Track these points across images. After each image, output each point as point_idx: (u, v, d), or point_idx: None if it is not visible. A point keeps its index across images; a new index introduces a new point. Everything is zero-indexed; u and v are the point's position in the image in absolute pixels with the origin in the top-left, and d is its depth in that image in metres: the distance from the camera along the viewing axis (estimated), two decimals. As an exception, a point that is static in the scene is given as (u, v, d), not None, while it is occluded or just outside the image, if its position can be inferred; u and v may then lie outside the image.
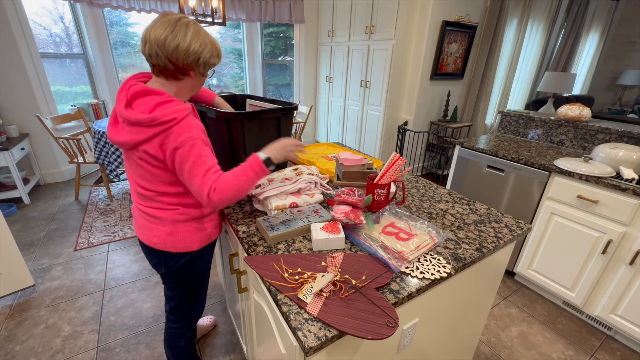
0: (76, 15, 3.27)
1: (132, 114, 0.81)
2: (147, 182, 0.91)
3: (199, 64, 0.87)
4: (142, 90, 0.84)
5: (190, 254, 1.01)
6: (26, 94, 2.98)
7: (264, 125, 1.20)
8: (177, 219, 0.96)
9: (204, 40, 0.85)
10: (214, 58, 0.90)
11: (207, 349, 1.56)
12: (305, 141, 5.04)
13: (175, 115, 0.81)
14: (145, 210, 0.96)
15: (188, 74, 0.88)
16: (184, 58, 0.83)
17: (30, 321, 1.67)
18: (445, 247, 0.91)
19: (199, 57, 0.85)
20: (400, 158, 1.03)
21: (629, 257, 1.50)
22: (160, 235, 0.96)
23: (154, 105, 0.82)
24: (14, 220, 2.62)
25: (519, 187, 1.91)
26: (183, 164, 0.83)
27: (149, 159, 0.86)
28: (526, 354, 1.57)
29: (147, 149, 0.83)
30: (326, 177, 1.16)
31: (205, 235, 1.02)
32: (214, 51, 0.89)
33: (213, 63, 0.91)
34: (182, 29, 0.82)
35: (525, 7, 3.55)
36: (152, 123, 0.80)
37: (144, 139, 0.82)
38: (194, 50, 0.83)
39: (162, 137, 0.82)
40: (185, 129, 0.82)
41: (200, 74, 0.91)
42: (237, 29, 4.31)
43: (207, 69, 0.91)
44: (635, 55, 4.12)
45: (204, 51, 0.85)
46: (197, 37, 0.84)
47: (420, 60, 3.27)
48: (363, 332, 0.61)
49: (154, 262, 1.03)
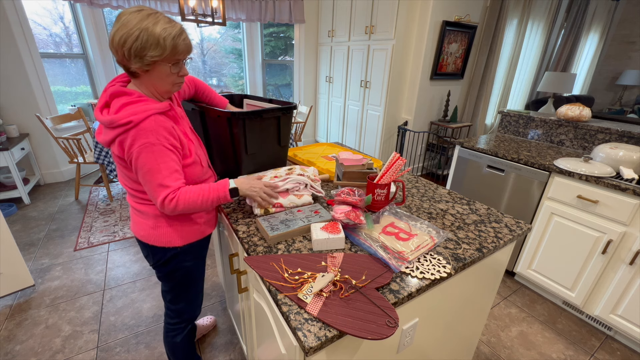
0: (76, 15, 3.27)
1: (100, 116, 0.83)
2: (126, 179, 0.94)
3: (128, 58, 0.78)
4: (116, 91, 0.84)
5: (174, 249, 1.02)
6: (26, 94, 2.98)
7: (265, 124, 1.20)
8: (159, 214, 0.97)
9: (130, 29, 0.75)
10: (150, 49, 0.77)
11: (207, 349, 1.56)
12: (305, 141, 5.04)
13: (131, 118, 0.79)
14: (133, 205, 1.00)
15: (131, 71, 0.82)
16: (116, 53, 0.79)
17: (30, 321, 1.67)
18: (445, 247, 0.91)
19: (124, 50, 0.77)
20: (400, 158, 1.03)
21: (629, 257, 1.50)
22: (146, 229, 0.99)
23: (119, 107, 0.81)
24: (14, 220, 2.62)
25: (519, 187, 1.91)
26: (138, 170, 0.84)
27: (118, 160, 0.88)
28: (526, 354, 1.57)
29: (114, 149, 0.86)
30: (318, 180, 1.15)
31: (187, 232, 1.02)
32: (148, 39, 0.76)
33: (152, 55, 0.78)
34: (116, 22, 0.77)
35: (525, 7, 3.55)
36: (110, 125, 0.81)
37: (110, 140, 0.84)
38: (117, 42, 0.76)
39: (121, 139, 0.82)
40: (141, 134, 0.80)
41: (144, 69, 0.81)
42: (237, 29, 4.32)
43: (147, 63, 0.79)
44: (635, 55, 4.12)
45: (127, 41, 0.75)
46: (123, 26, 0.75)
47: (420, 60, 3.27)
48: (363, 332, 0.61)
49: (144, 253, 1.07)
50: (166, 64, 0.83)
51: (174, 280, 1.09)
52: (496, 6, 3.44)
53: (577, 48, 4.36)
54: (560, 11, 3.97)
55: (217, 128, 1.21)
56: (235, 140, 1.16)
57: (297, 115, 4.20)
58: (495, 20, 3.49)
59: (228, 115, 1.09)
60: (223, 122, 1.14)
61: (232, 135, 1.15)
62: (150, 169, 0.83)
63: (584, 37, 4.35)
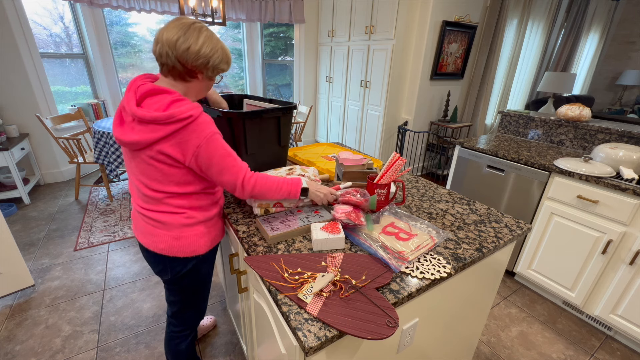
0: (76, 15, 3.27)
1: (147, 112, 0.81)
2: (157, 182, 0.89)
3: (207, 67, 0.88)
4: (152, 89, 0.84)
5: (196, 258, 1.01)
6: (26, 94, 2.98)
7: (265, 124, 1.20)
8: (184, 223, 0.94)
9: (215, 46, 0.87)
10: (223, 64, 0.92)
11: (207, 349, 1.56)
12: (305, 141, 5.04)
13: (191, 112, 0.82)
14: (150, 215, 0.93)
15: (196, 76, 0.89)
16: (194, 60, 0.85)
17: (30, 321, 1.67)
18: (445, 247, 0.91)
19: (209, 61, 0.87)
20: (400, 158, 1.03)
21: (629, 257, 1.50)
22: (167, 240, 0.94)
23: (168, 103, 0.82)
24: (14, 220, 2.62)
25: (519, 187, 1.91)
26: (212, 158, 0.85)
27: (163, 158, 0.84)
28: (526, 354, 1.57)
29: (163, 148, 0.83)
30: (318, 181, 1.15)
31: (210, 238, 1.02)
32: (224, 57, 0.91)
33: (222, 69, 0.93)
34: (195, 32, 0.84)
35: (525, 7, 3.55)
36: (169, 120, 0.80)
37: (160, 137, 0.82)
38: (204, 54, 0.85)
39: (180, 136, 0.82)
40: (204, 126, 0.84)
41: (208, 77, 0.92)
42: (237, 29, 4.32)
43: (215, 74, 0.93)
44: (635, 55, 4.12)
45: (214, 56, 0.87)
46: (209, 41, 0.86)
47: (420, 60, 3.27)
48: (363, 332, 0.61)
49: (159, 268, 1.01)
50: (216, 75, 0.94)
51: (189, 290, 1.08)
52: (496, 6, 3.44)
53: (577, 48, 4.36)
54: (560, 11, 3.97)
55: (217, 128, 1.21)
56: (235, 140, 1.16)
57: (297, 115, 4.20)
58: (495, 20, 3.49)
59: (228, 115, 1.09)
60: (223, 122, 1.14)
61: (232, 135, 1.15)
62: (223, 155, 0.87)
63: (584, 37, 4.35)
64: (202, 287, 1.11)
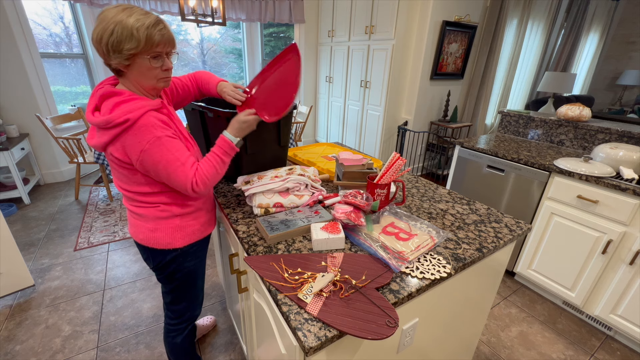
0: (76, 15, 3.27)
1: (93, 118, 0.81)
2: (122, 182, 0.92)
3: (106, 54, 0.78)
4: (106, 92, 0.82)
5: (175, 251, 1.02)
6: (26, 94, 2.98)
7: (264, 124, 1.20)
8: (159, 216, 0.96)
9: (105, 25, 0.75)
10: (126, 42, 0.75)
11: (207, 349, 1.56)
12: (305, 141, 5.04)
13: (128, 116, 0.78)
14: (130, 208, 0.97)
15: (117, 67, 0.82)
16: (99, 50, 0.78)
17: (30, 321, 1.67)
18: (445, 247, 0.91)
19: (102, 46, 0.77)
20: (400, 158, 1.03)
21: (629, 257, 1.50)
22: (144, 232, 0.97)
23: (112, 107, 0.80)
24: (14, 220, 2.62)
25: (519, 187, 1.91)
26: (156, 165, 0.83)
27: (116, 161, 0.86)
28: (526, 354, 1.57)
29: (112, 151, 0.83)
30: (318, 181, 1.15)
31: (189, 232, 1.02)
32: (122, 32, 0.75)
33: (129, 48, 0.76)
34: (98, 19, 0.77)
35: (525, 7, 3.55)
36: (107, 125, 0.79)
37: (107, 142, 0.82)
38: (96, 39, 0.76)
39: (122, 140, 0.81)
40: (143, 131, 0.80)
41: (121, 64, 0.80)
42: (237, 29, 4.31)
43: (126, 57, 0.78)
44: (635, 55, 4.12)
45: (103, 36, 0.75)
46: (99, 23, 0.76)
47: (420, 60, 3.27)
48: (363, 332, 0.61)
49: (144, 256, 1.06)
50: (144, 57, 0.80)
51: (174, 281, 1.09)
52: (496, 6, 3.44)
53: (577, 48, 4.36)
54: (560, 11, 3.97)
55: (217, 128, 1.21)
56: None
57: (297, 115, 4.20)
58: (495, 20, 3.49)
59: (228, 115, 1.09)
60: (223, 122, 1.14)
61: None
62: (167, 162, 0.82)
63: (584, 37, 4.35)
64: (190, 280, 1.12)
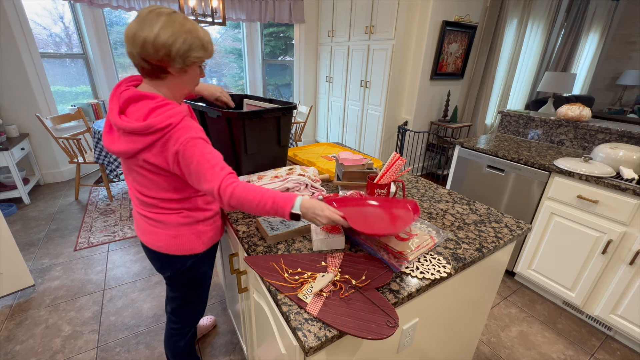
0: (76, 15, 3.27)
1: (126, 123, 0.77)
2: (148, 189, 0.88)
3: (173, 58, 0.77)
4: (134, 95, 0.79)
5: (195, 257, 1.01)
6: (26, 94, 2.98)
7: (264, 124, 1.20)
8: (181, 222, 0.94)
9: (175, 30, 0.75)
10: (195, 51, 0.78)
11: (207, 349, 1.56)
12: (305, 141, 5.04)
13: (170, 120, 0.77)
14: (149, 216, 0.93)
15: (167, 71, 0.79)
16: (154, 53, 0.75)
17: (30, 321, 1.67)
18: (445, 247, 0.91)
19: (170, 50, 0.75)
20: (400, 158, 1.03)
21: (629, 257, 1.50)
22: (165, 239, 0.95)
23: (148, 112, 0.77)
24: (14, 220, 2.62)
25: (519, 187, 1.91)
26: (189, 165, 0.79)
27: (148, 167, 0.83)
28: (526, 354, 1.57)
29: (147, 157, 0.80)
30: (318, 180, 1.15)
31: (209, 237, 1.02)
32: (193, 42, 0.77)
33: (196, 57, 0.79)
34: (152, 19, 0.73)
35: (525, 7, 3.55)
36: (147, 131, 0.76)
37: (141, 148, 0.79)
38: (162, 42, 0.74)
39: (161, 144, 0.78)
40: (182, 132, 0.78)
41: (182, 70, 0.81)
42: (237, 29, 4.31)
43: (188, 64, 0.80)
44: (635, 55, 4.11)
45: (176, 42, 0.75)
46: (168, 27, 0.74)
47: (420, 60, 3.27)
48: (363, 332, 0.61)
49: (159, 265, 1.02)
50: (198, 65, 0.84)
51: (187, 287, 1.08)
52: (496, 6, 3.44)
53: (577, 48, 4.36)
54: (560, 11, 3.96)
55: (217, 128, 1.21)
56: (235, 141, 1.16)
57: (297, 115, 4.20)
58: (495, 20, 3.49)
59: (228, 115, 1.09)
60: (223, 122, 1.14)
61: (232, 135, 1.15)
62: (200, 161, 0.78)
63: (584, 37, 4.35)
64: (201, 284, 1.12)
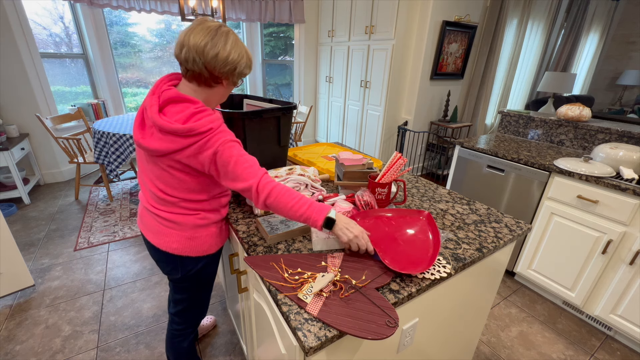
0: (76, 15, 3.27)
1: (167, 123, 0.80)
2: (172, 188, 0.89)
3: (234, 74, 0.87)
4: (176, 96, 0.83)
5: (207, 258, 1.02)
6: (26, 94, 2.98)
7: (265, 124, 1.20)
8: (198, 224, 0.95)
9: (241, 51, 0.86)
10: (247, 68, 0.91)
11: (207, 349, 1.56)
12: (305, 141, 5.04)
13: (212, 125, 0.81)
14: (163, 215, 0.93)
15: (221, 82, 0.88)
16: (222, 67, 0.83)
17: (30, 321, 1.67)
18: (445, 247, 0.91)
19: (236, 67, 0.86)
20: (401, 157, 1.03)
21: (629, 257, 1.50)
22: (180, 240, 0.95)
23: (189, 115, 0.81)
24: (14, 220, 2.62)
25: (519, 187, 1.91)
26: (226, 165, 0.82)
27: (181, 167, 0.85)
28: (526, 354, 1.57)
29: (181, 158, 0.82)
30: (318, 180, 1.15)
31: (221, 238, 1.04)
32: (248, 62, 0.90)
33: (245, 73, 0.92)
34: (223, 37, 0.82)
35: (525, 7, 3.55)
36: (189, 133, 0.79)
37: (179, 149, 0.81)
38: (232, 60, 0.84)
39: (198, 147, 0.81)
40: (220, 135, 0.82)
41: (233, 83, 0.92)
42: (237, 29, 4.31)
43: (239, 79, 0.92)
44: (635, 55, 4.12)
45: (241, 61, 0.86)
46: (236, 47, 0.85)
47: (420, 60, 3.27)
48: (363, 332, 0.61)
49: (170, 267, 1.01)
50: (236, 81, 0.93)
51: (194, 289, 1.09)
52: (496, 6, 3.44)
53: (577, 48, 4.36)
54: (560, 11, 3.97)
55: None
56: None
57: (297, 115, 4.20)
58: (495, 20, 3.49)
59: (228, 115, 1.09)
60: (226, 122, 1.14)
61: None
62: (237, 161, 0.82)
63: (584, 37, 4.35)
64: (208, 285, 1.13)
